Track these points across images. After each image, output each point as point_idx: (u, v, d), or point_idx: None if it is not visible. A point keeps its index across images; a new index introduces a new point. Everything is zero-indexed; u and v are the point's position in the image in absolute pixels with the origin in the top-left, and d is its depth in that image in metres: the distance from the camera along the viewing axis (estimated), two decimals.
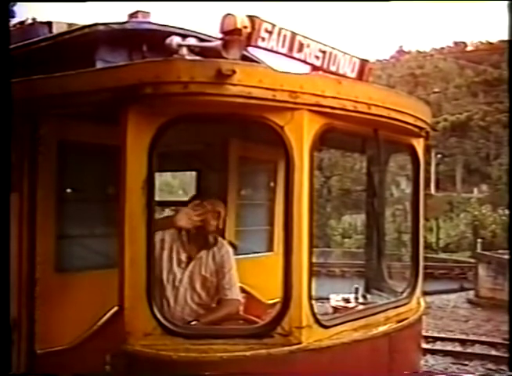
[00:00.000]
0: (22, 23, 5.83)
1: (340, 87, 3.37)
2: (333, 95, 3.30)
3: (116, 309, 3.35)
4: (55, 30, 4.52)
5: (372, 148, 3.97)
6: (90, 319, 3.91)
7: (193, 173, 6.37)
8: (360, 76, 4.06)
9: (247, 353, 3.14)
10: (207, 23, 4.19)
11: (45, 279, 3.94)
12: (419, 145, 4.28)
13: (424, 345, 8.12)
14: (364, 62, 4.14)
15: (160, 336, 3.16)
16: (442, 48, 64.51)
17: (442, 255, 28.49)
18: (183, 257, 4.01)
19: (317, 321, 3.30)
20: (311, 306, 3.27)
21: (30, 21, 5.56)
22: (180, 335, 3.19)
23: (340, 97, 3.33)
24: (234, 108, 3.16)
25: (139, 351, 3.15)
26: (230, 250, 4.25)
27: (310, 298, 3.27)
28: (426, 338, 10.16)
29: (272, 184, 5.88)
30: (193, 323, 3.77)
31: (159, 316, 3.19)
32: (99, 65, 4.00)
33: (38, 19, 5.28)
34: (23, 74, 3.65)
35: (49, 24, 4.64)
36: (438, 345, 11.71)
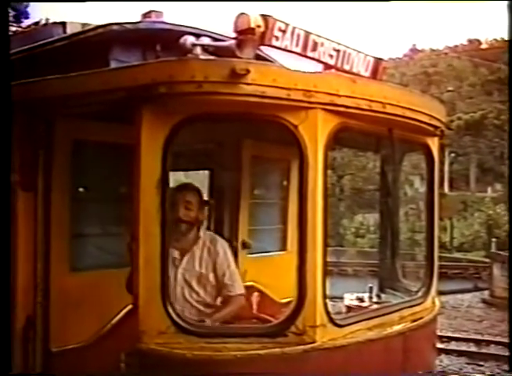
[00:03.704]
0: (36, 23, 5.88)
1: (355, 86, 3.37)
2: (347, 94, 3.29)
3: (130, 307, 3.37)
4: (69, 31, 4.55)
5: (386, 147, 3.96)
6: (104, 318, 3.95)
7: (206, 172, 6.39)
8: (374, 75, 4.06)
9: (261, 352, 3.14)
10: (220, 22, 4.21)
11: (60, 278, 3.97)
12: (433, 144, 4.26)
13: (439, 345, 8.07)
14: (378, 60, 4.13)
15: (174, 334, 3.17)
16: (456, 46, 64.11)
17: (456, 255, 28.31)
18: (176, 254, 3.98)
19: (331, 320, 3.30)
20: (326, 305, 3.27)
21: (44, 22, 5.62)
22: (194, 334, 3.20)
23: (354, 96, 3.32)
24: (248, 107, 3.16)
25: (153, 349, 3.16)
26: (225, 244, 4.23)
27: (324, 296, 3.27)
28: (440, 337, 10.10)
29: (285, 183, 5.88)
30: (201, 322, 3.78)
31: (173, 314, 3.20)
32: (113, 65, 4.03)
33: (52, 20, 5.32)
34: (37, 74, 3.68)
35: (63, 24, 4.67)
36: (453, 345, 11.64)
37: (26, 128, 3.86)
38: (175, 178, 4.52)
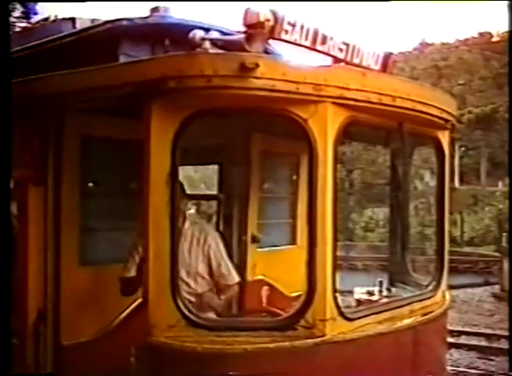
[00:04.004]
0: (45, 19, 5.90)
1: (365, 79, 3.35)
2: (357, 87, 3.28)
3: (140, 301, 3.39)
4: (78, 26, 4.57)
5: (396, 141, 3.94)
6: (114, 312, 3.97)
7: (215, 167, 6.40)
8: (384, 68, 4.04)
9: (271, 345, 3.15)
10: (228, 17, 4.20)
11: (70, 272, 4.00)
12: (444, 137, 4.24)
13: (449, 339, 8.06)
14: (387, 54, 4.11)
15: (184, 328, 3.19)
16: (467, 39, 63.58)
17: (467, 249, 28.19)
18: None
19: (341, 314, 3.30)
20: (335, 299, 3.27)
21: (53, 18, 5.63)
22: (204, 327, 3.22)
23: (364, 89, 3.31)
24: (257, 101, 3.16)
25: (164, 343, 3.18)
26: (216, 235, 4.24)
27: (334, 290, 3.27)
28: (451, 331, 10.07)
29: (294, 177, 5.88)
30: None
31: (183, 308, 3.22)
32: (122, 60, 4.03)
33: (61, 16, 5.33)
34: (47, 70, 3.70)
35: (73, 20, 4.69)
36: (463, 339, 11.60)
37: (36, 124, 3.88)
38: (184, 173, 4.53)
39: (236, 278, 4.13)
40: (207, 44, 3.50)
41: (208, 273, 4.05)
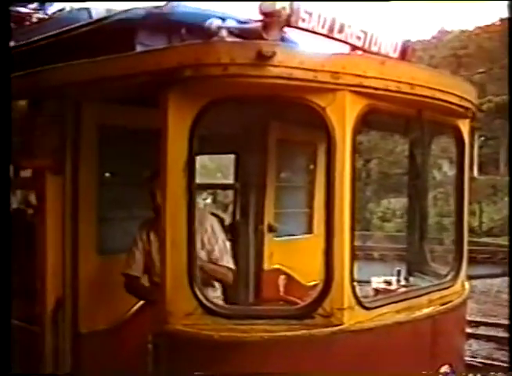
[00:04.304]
0: (61, 10, 5.93)
1: (383, 67, 3.32)
2: (375, 75, 3.25)
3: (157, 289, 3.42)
4: (94, 16, 4.58)
5: (415, 129, 3.92)
6: (131, 300, 4.02)
7: (232, 156, 6.41)
8: (403, 56, 4.01)
9: (288, 334, 3.16)
10: (245, 5, 4.18)
11: (88, 261, 4.05)
12: (464, 126, 4.20)
13: (468, 330, 8.02)
14: (406, 42, 4.08)
15: (201, 316, 3.21)
16: (487, 26, 62.63)
17: (486, 240, 27.95)
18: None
19: (359, 303, 3.30)
20: (353, 288, 3.27)
21: (68, 9, 5.65)
22: (221, 315, 3.23)
23: (383, 77, 3.28)
24: (275, 90, 3.15)
25: (181, 330, 3.19)
26: (214, 220, 4.23)
27: (352, 279, 3.27)
28: (469, 322, 10.02)
29: (311, 166, 5.88)
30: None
31: (200, 296, 3.23)
32: (139, 49, 4.04)
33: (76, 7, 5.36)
34: (63, 59, 3.72)
35: (88, 10, 4.71)
36: (482, 330, 11.54)
37: (54, 113, 3.92)
38: (200, 162, 4.54)
39: (227, 262, 4.07)
40: (224, 32, 3.49)
41: (208, 260, 4.03)
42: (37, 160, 4.05)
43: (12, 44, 5.85)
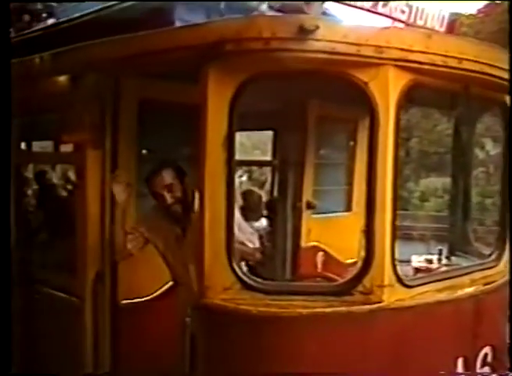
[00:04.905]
0: None
1: (430, 41, 3.24)
2: (421, 49, 3.18)
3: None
4: None
5: (461, 106, 3.84)
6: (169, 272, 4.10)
7: (270, 133, 6.42)
8: (449, 30, 3.93)
9: (327, 310, 3.16)
10: None
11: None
12: None
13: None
14: (453, 16, 3.98)
15: (239, 291, 3.23)
16: None
17: None
18: (178, 231, 3.87)
19: (399, 280, 3.28)
20: (394, 265, 3.25)
21: None
22: (259, 290, 3.25)
23: (429, 51, 3.20)
24: (317, 64, 3.11)
25: (218, 305, 3.23)
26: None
27: (393, 257, 3.24)
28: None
29: (351, 143, 5.85)
30: None
31: (238, 271, 3.26)
32: (178, 25, 4.06)
33: None
34: (105, 35, 3.76)
35: None
36: None
37: (94, 88, 3.97)
38: (237, 140, 4.56)
39: (254, 244, 4.09)
40: (264, 6, 3.48)
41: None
42: (77, 134, 4.12)
43: (52, 21, 5.96)
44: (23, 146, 5.73)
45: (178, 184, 3.78)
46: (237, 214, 3.99)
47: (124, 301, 4.17)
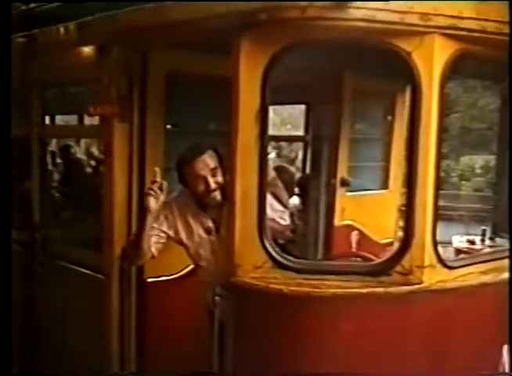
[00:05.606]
0: None
1: (482, 6, 3.12)
2: (472, 15, 3.07)
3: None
4: None
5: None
6: None
7: (302, 107, 6.38)
8: None
9: (363, 291, 3.15)
10: None
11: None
12: None
13: None
14: None
15: (270, 269, 3.24)
16: None
17: None
18: (209, 223, 3.80)
19: (441, 261, 3.24)
20: (435, 245, 3.20)
21: None
22: (291, 269, 3.25)
23: (480, 17, 3.10)
24: (356, 33, 3.06)
25: (249, 283, 3.24)
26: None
27: (434, 236, 3.20)
28: None
29: (389, 118, 5.79)
30: None
31: (270, 249, 3.26)
32: None
33: None
34: (132, 4, 3.75)
35: None
36: None
37: (121, 59, 3.97)
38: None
39: (285, 221, 4.02)
40: None
41: None
42: (103, 107, 4.14)
43: None
44: (47, 120, 5.79)
45: (219, 169, 3.69)
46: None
47: (150, 280, 4.23)
